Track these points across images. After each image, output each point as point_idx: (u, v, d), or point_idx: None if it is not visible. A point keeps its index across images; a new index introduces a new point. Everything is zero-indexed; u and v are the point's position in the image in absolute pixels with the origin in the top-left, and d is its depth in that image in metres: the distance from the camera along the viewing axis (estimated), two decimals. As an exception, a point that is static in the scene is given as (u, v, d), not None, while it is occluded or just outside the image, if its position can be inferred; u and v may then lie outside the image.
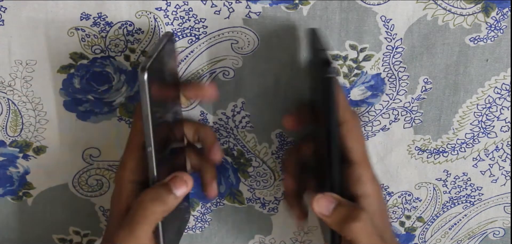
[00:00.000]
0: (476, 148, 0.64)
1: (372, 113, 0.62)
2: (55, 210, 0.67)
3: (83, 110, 0.61)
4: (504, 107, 0.62)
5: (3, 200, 0.66)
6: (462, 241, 0.70)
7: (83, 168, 0.64)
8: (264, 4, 0.56)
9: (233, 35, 0.57)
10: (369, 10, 0.56)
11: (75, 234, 0.68)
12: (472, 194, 0.67)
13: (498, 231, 0.70)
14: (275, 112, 0.61)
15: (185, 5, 0.56)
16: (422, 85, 0.61)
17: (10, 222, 0.67)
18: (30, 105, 0.60)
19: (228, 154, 0.64)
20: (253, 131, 0.62)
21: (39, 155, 0.63)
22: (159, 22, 0.56)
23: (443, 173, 0.66)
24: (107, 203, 0.66)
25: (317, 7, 0.56)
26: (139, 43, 0.57)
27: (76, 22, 0.56)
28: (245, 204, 0.67)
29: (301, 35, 0.57)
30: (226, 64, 0.59)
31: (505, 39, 0.59)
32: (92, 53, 0.58)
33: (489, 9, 0.57)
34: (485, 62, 0.60)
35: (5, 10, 0.56)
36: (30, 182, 0.65)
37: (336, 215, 0.51)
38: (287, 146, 0.63)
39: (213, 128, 0.62)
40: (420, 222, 0.69)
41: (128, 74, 0.59)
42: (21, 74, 0.59)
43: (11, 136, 0.62)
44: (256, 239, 0.70)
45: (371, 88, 0.60)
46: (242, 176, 0.65)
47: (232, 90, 0.60)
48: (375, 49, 0.58)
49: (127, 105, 0.61)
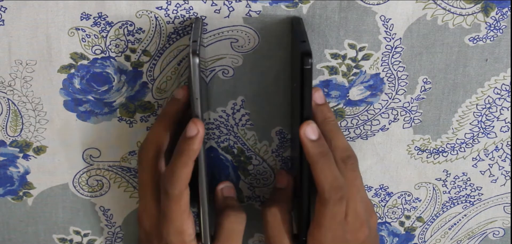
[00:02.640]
0: (476, 148, 0.64)
1: (371, 112, 0.62)
2: (56, 210, 0.67)
3: (83, 110, 0.61)
4: (504, 107, 0.62)
5: (3, 200, 0.66)
6: (462, 241, 0.70)
7: (83, 168, 0.64)
8: (264, 3, 0.56)
9: (233, 33, 0.57)
10: (368, 10, 0.56)
11: (76, 234, 0.68)
12: (472, 194, 0.67)
13: (498, 231, 0.70)
14: (275, 110, 0.61)
15: (186, 4, 0.56)
16: (422, 85, 0.61)
17: (10, 222, 0.67)
18: (30, 105, 0.60)
19: (228, 152, 0.64)
20: (253, 128, 0.62)
21: (39, 155, 0.63)
22: (160, 21, 0.56)
23: (442, 173, 0.66)
24: (107, 203, 0.66)
25: (317, 6, 0.56)
26: (139, 43, 0.57)
27: (76, 22, 0.56)
28: (244, 202, 0.67)
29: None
30: (225, 63, 0.59)
31: (505, 39, 0.59)
32: (93, 53, 0.58)
33: (489, 9, 0.57)
34: (484, 62, 0.60)
35: (5, 10, 0.56)
36: (31, 182, 0.65)
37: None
38: (287, 143, 0.63)
39: (214, 125, 0.62)
40: (419, 222, 0.69)
41: (128, 75, 0.59)
42: (21, 74, 0.59)
43: (11, 136, 0.62)
44: (255, 237, 0.70)
45: (370, 87, 0.60)
46: (242, 174, 0.65)
47: (232, 88, 0.60)
48: (374, 49, 0.58)
49: (127, 105, 0.61)
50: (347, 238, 0.55)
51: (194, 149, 0.52)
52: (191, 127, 0.52)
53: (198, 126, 0.51)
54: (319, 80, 0.60)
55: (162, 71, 0.59)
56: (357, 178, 0.55)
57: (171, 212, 0.54)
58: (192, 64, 0.48)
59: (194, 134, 0.51)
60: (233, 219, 0.58)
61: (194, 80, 0.49)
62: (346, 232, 0.54)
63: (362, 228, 0.55)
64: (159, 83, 0.60)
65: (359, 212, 0.55)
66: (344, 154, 0.55)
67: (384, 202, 0.67)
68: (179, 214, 0.54)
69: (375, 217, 0.58)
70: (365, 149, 0.64)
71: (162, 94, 0.60)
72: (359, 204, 0.55)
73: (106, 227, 0.68)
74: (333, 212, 0.52)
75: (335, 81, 0.60)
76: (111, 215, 0.67)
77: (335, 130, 0.56)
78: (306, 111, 0.51)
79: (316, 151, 0.52)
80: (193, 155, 0.52)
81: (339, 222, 0.53)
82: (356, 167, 0.55)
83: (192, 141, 0.51)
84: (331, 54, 0.58)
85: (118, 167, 0.64)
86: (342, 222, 0.54)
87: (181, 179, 0.52)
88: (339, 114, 0.62)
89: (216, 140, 0.63)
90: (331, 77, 0.60)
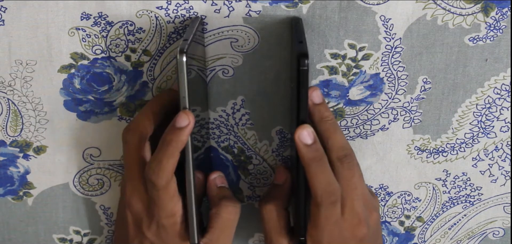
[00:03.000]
0: (476, 147, 0.64)
1: (371, 112, 0.62)
2: (56, 210, 0.67)
3: (83, 110, 0.61)
4: (503, 107, 0.62)
5: (4, 199, 0.66)
6: (462, 241, 0.70)
7: (83, 167, 0.64)
8: (264, 3, 0.56)
9: (233, 33, 0.57)
10: (368, 10, 0.56)
11: (76, 233, 0.68)
12: (472, 194, 0.67)
13: (497, 231, 0.70)
14: (275, 110, 0.61)
15: (186, 4, 0.56)
16: (421, 85, 0.61)
17: (11, 222, 0.67)
18: (30, 105, 0.60)
19: (228, 152, 0.64)
20: (253, 128, 0.62)
21: (39, 155, 0.63)
22: (160, 21, 0.56)
23: (442, 172, 0.66)
24: (108, 202, 0.66)
25: (317, 6, 0.56)
26: (140, 43, 0.57)
27: (77, 22, 0.57)
28: (245, 201, 0.67)
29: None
30: (225, 63, 0.59)
31: (505, 39, 0.59)
32: (93, 53, 0.58)
33: (489, 9, 0.57)
34: (484, 62, 0.60)
35: (5, 10, 0.56)
36: (31, 181, 0.65)
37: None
38: (287, 143, 0.63)
39: (214, 124, 0.62)
40: (419, 222, 0.69)
41: (128, 74, 0.59)
42: (21, 74, 0.59)
43: (11, 136, 0.62)
44: (256, 237, 0.70)
45: (369, 87, 0.60)
46: (242, 174, 0.65)
47: (232, 88, 0.60)
48: (374, 49, 0.58)
49: (127, 105, 0.61)
50: (345, 235, 0.55)
51: (182, 140, 0.51)
52: (182, 117, 0.51)
53: (190, 117, 0.51)
54: (319, 80, 0.60)
55: (162, 70, 0.59)
56: (354, 176, 0.55)
57: (160, 200, 0.54)
58: (178, 63, 0.49)
59: (185, 125, 0.51)
60: (231, 209, 0.58)
61: (181, 78, 0.49)
62: (343, 229, 0.55)
63: (360, 225, 0.55)
64: (159, 82, 0.60)
65: (357, 210, 0.55)
66: (340, 153, 0.55)
67: (384, 201, 0.67)
68: (168, 200, 0.54)
69: (377, 214, 0.58)
70: (365, 148, 0.64)
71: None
72: (357, 202, 0.55)
73: (106, 226, 0.68)
74: (326, 214, 0.53)
75: (335, 81, 0.60)
76: (112, 213, 0.67)
77: (332, 128, 0.55)
78: (302, 114, 0.51)
79: (310, 156, 0.52)
80: (181, 146, 0.52)
81: (334, 222, 0.54)
82: (353, 165, 0.55)
83: (181, 131, 0.51)
84: (331, 54, 0.58)
85: (119, 165, 0.64)
86: (338, 221, 0.54)
87: (167, 170, 0.52)
88: (339, 114, 0.62)
89: (216, 139, 0.63)
90: (331, 77, 0.60)
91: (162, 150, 0.52)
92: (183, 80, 0.49)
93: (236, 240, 0.70)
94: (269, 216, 0.57)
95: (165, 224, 0.55)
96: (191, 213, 0.55)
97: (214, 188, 0.60)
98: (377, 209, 0.59)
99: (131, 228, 0.57)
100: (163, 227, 0.55)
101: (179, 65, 0.49)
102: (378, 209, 0.59)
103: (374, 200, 0.59)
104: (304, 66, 0.48)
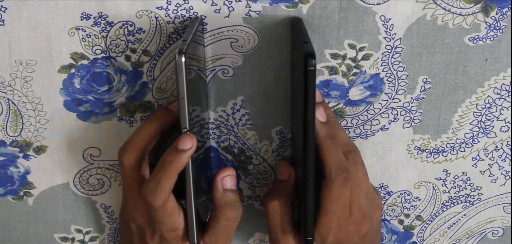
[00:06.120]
0: (476, 147, 0.64)
1: (371, 112, 0.62)
2: (56, 209, 0.67)
3: (83, 110, 0.61)
4: (503, 107, 0.62)
5: (4, 199, 0.66)
6: (461, 240, 0.70)
7: (83, 167, 0.64)
8: (264, 3, 0.56)
9: (233, 33, 0.57)
10: (368, 10, 0.57)
11: (77, 232, 0.68)
12: (472, 193, 0.67)
13: (497, 230, 0.70)
14: (275, 110, 0.61)
15: (186, 4, 0.56)
16: (421, 85, 0.61)
17: (11, 222, 0.67)
18: (30, 105, 0.60)
19: (228, 152, 0.64)
20: (253, 128, 0.62)
21: (40, 155, 0.63)
22: (160, 21, 0.56)
23: (442, 172, 0.66)
24: (108, 201, 0.66)
25: (317, 6, 0.56)
26: (140, 43, 0.57)
27: (77, 22, 0.57)
28: (245, 201, 0.67)
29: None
30: (225, 63, 0.59)
31: (505, 39, 0.59)
32: (93, 53, 0.58)
33: (489, 9, 0.57)
34: (484, 62, 0.60)
35: (5, 10, 0.56)
36: (31, 181, 0.65)
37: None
38: (287, 143, 0.63)
39: (214, 124, 0.62)
40: (419, 221, 0.69)
41: (128, 75, 0.59)
42: (21, 74, 0.59)
43: (11, 136, 0.62)
44: (256, 237, 0.70)
45: (369, 87, 0.60)
46: (242, 174, 0.65)
47: (232, 88, 0.60)
48: (374, 49, 0.58)
49: (127, 105, 0.61)
50: (350, 229, 0.55)
51: (183, 162, 0.51)
52: (186, 140, 0.51)
53: (193, 141, 0.51)
54: (319, 80, 0.60)
55: (162, 71, 0.59)
56: (359, 171, 0.55)
57: (159, 217, 0.54)
58: (177, 63, 0.49)
59: (187, 148, 0.51)
60: (231, 217, 0.57)
61: (180, 79, 0.49)
62: (349, 223, 0.55)
63: (364, 220, 0.56)
64: (159, 83, 0.60)
65: (362, 205, 0.55)
66: (345, 148, 0.55)
67: (383, 200, 0.67)
68: (167, 217, 0.54)
69: (379, 212, 0.59)
70: (365, 148, 0.64)
71: (162, 94, 0.60)
72: (361, 197, 0.55)
73: (108, 224, 0.68)
74: (338, 194, 0.53)
75: (335, 81, 0.60)
76: (113, 211, 0.67)
77: (334, 126, 0.56)
78: (310, 114, 0.51)
79: (325, 132, 0.53)
80: (181, 168, 0.52)
81: (344, 206, 0.54)
82: (357, 161, 0.56)
83: (183, 154, 0.51)
84: (331, 54, 0.59)
85: (119, 166, 0.64)
86: (347, 208, 0.54)
87: (164, 191, 0.52)
88: (339, 114, 0.62)
89: (216, 139, 0.63)
90: (331, 77, 0.60)
91: (161, 171, 0.52)
92: (182, 81, 0.49)
93: (236, 239, 0.70)
94: (274, 212, 0.57)
95: (167, 237, 0.56)
96: (190, 216, 0.55)
97: (219, 189, 0.59)
98: (380, 207, 0.59)
99: (136, 237, 0.58)
100: (166, 239, 0.56)
101: (178, 66, 0.49)
102: (381, 207, 0.60)
103: (378, 198, 0.60)
104: (311, 66, 0.48)
